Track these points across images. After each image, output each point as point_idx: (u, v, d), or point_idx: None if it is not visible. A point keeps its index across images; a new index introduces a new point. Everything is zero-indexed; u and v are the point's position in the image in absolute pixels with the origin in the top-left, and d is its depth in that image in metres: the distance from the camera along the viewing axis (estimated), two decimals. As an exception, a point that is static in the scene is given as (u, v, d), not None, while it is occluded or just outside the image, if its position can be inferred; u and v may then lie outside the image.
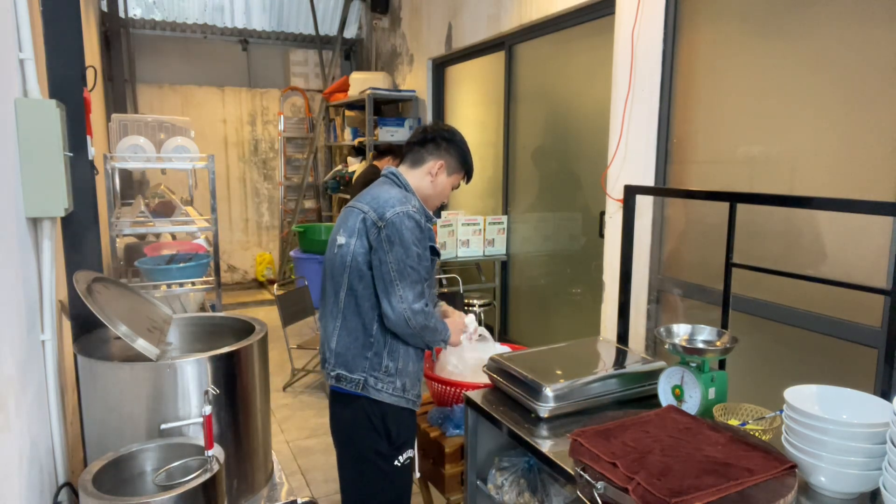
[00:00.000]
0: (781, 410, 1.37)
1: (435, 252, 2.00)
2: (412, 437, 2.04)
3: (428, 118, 5.72)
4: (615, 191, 3.28)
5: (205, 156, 3.31)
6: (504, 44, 4.55)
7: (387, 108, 6.60)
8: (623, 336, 2.25)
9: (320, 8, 7.28)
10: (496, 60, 4.75)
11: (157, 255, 3.45)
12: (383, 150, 4.81)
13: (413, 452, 2.05)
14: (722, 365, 1.89)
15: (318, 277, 3.00)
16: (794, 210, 2.41)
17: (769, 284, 2.50)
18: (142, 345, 1.49)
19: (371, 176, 4.22)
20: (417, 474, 2.14)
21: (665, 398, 1.68)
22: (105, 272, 1.92)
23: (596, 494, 1.24)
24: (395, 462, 1.97)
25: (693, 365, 1.63)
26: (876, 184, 2.23)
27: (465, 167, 2.11)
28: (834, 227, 2.37)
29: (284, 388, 4.54)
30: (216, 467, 1.39)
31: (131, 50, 6.56)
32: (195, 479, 1.33)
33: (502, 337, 4.76)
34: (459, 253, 4.53)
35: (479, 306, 4.34)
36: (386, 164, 4.71)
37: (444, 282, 4.81)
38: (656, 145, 3.07)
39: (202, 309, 3.45)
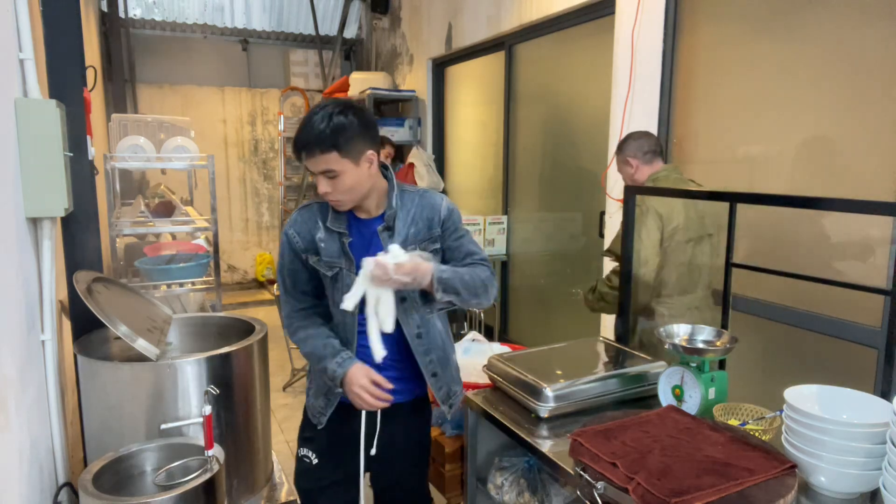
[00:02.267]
0: (781, 410, 1.37)
1: (326, 266, 1.71)
2: (302, 437, 1.89)
3: (428, 118, 5.71)
4: (615, 191, 3.28)
5: (204, 156, 3.31)
6: (504, 44, 4.54)
7: (387, 108, 6.60)
8: (623, 336, 2.25)
9: (320, 8, 7.27)
10: (496, 60, 4.75)
11: (157, 256, 3.45)
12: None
13: (303, 451, 1.87)
14: (722, 365, 1.88)
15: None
16: (794, 210, 2.41)
17: (769, 284, 2.50)
18: (142, 345, 1.50)
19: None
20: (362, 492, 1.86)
21: (665, 398, 1.68)
22: (105, 272, 1.92)
23: (596, 494, 1.24)
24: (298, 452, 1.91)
25: (693, 365, 1.63)
26: (876, 184, 2.23)
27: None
28: (834, 227, 2.37)
29: (284, 388, 4.53)
30: (216, 467, 1.39)
31: (131, 50, 6.56)
32: (195, 479, 1.34)
33: (502, 337, 4.76)
34: (459, 253, 4.51)
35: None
36: (384, 154, 4.75)
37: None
38: (656, 145, 3.07)
39: (202, 309, 3.44)
